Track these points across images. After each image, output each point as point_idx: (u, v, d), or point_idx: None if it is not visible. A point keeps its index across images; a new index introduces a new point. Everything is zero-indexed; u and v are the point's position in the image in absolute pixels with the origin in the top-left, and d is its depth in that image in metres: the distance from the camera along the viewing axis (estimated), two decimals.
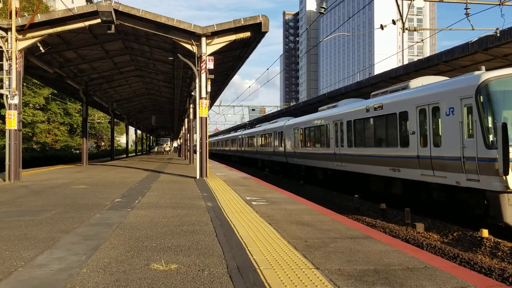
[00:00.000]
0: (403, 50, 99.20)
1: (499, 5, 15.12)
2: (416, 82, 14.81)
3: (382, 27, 16.77)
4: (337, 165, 19.42)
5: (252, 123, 60.46)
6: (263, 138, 36.62)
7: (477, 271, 7.40)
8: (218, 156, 68.38)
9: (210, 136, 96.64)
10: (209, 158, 19.07)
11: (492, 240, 9.48)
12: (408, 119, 13.67)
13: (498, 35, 16.57)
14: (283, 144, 29.30)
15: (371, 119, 16.37)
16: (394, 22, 17.00)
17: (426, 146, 12.65)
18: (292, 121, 28.46)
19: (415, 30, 17.45)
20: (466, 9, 15.46)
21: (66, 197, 10.95)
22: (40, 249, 5.53)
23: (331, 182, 21.14)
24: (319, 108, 23.96)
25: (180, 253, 5.33)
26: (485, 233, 9.71)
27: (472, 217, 11.22)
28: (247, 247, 5.63)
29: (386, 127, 15.20)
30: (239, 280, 4.31)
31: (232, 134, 60.25)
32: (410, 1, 16.08)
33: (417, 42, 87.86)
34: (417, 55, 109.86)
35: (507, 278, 7.27)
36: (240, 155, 48.69)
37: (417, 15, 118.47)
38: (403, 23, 15.94)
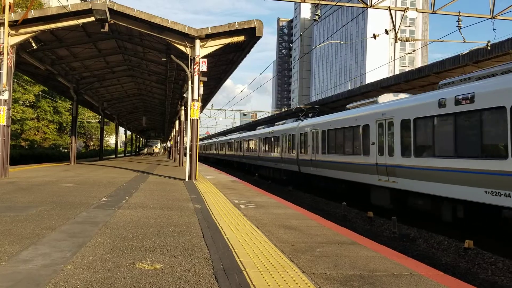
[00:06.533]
0: (394, 60, 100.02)
1: (491, 18, 15.36)
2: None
3: (374, 36, 16.95)
4: None
5: (292, 114, 36.59)
6: (349, 136, 17.36)
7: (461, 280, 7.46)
8: (226, 164, 50.09)
9: (213, 136, 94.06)
10: (213, 166, 18.83)
11: (477, 250, 9.59)
12: None
13: (489, 48, 16.80)
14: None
15: None
16: (386, 32, 17.23)
17: None
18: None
19: (407, 40, 17.68)
20: (458, 21, 15.70)
21: (53, 195, 10.85)
22: (24, 245, 5.48)
23: None
24: None
25: (166, 253, 5.30)
26: (470, 243, 9.80)
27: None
28: (233, 249, 5.62)
29: None
30: (225, 282, 4.30)
31: (256, 131, 36.44)
32: (403, 12, 16.27)
33: (409, 53, 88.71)
34: (408, 66, 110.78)
35: (489, 286, 7.35)
36: (273, 165, 29.55)
37: (409, 26, 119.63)
38: (396, 33, 16.12)
